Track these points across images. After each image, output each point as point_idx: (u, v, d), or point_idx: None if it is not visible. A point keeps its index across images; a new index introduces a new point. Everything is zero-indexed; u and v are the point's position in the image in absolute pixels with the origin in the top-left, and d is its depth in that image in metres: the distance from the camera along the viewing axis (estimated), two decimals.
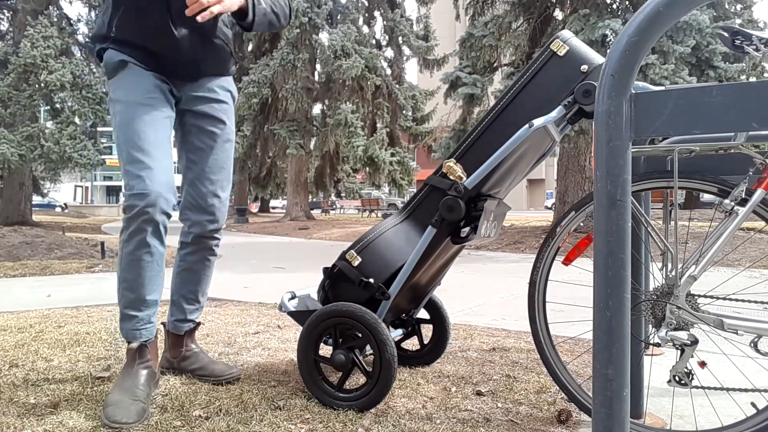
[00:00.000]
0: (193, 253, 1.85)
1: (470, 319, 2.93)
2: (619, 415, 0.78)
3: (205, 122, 1.74)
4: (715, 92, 0.74)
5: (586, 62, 1.45)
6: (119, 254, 1.60)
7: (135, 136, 1.54)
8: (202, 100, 1.74)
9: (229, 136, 1.80)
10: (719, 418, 1.37)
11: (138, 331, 1.61)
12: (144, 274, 1.59)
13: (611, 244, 0.78)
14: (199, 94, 1.73)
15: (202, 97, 1.74)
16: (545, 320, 1.55)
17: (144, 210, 1.51)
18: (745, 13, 8.76)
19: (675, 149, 1.42)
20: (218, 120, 1.76)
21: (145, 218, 1.52)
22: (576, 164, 9.10)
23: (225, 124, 1.78)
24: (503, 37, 8.69)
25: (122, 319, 1.61)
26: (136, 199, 1.51)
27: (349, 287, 1.62)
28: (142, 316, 1.61)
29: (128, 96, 1.57)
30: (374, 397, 1.54)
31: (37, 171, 13.06)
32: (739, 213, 1.28)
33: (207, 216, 1.78)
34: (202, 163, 1.75)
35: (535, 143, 1.55)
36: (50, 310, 3.09)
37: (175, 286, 1.90)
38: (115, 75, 1.61)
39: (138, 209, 1.51)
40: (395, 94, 16.30)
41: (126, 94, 1.58)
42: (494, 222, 1.68)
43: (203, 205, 1.77)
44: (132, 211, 1.52)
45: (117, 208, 32.70)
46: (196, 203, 1.77)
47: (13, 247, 6.09)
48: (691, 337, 1.29)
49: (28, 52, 10.09)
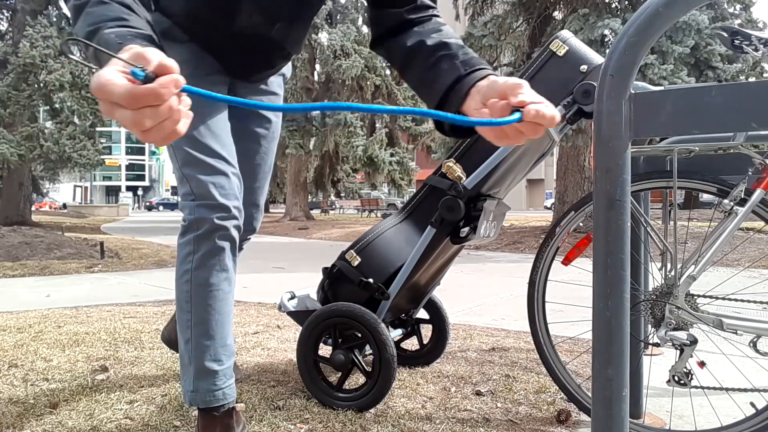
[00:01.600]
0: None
1: (469, 319, 2.93)
2: (619, 415, 0.78)
3: (256, 125, 1.45)
4: (714, 92, 0.74)
5: (586, 62, 1.45)
6: (184, 288, 1.23)
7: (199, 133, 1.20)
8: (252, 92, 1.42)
9: (275, 134, 1.50)
10: (718, 418, 1.37)
11: (221, 391, 1.22)
12: (224, 310, 1.23)
13: (610, 244, 0.78)
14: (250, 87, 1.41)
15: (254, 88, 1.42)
16: (545, 320, 1.55)
17: (220, 224, 1.20)
18: (743, 13, 8.77)
19: (674, 149, 1.42)
20: (265, 119, 1.46)
21: (222, 234, 1.20)
22: (575, 164, 9.10)
23: (271, 123, 1.47)
24: (503, 37, 8.69)
25: (198, 377, 1.21)
26: (211, 210, 1.19)
27: (349, 287, 1.62)
28: (224, 371, 1.23)
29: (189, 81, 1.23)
30: (374, 397, 1.55)
31: (36, 171, 13.04)
32: (738, 213, 1.28)
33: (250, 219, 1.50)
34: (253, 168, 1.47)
35: (535, 143, 1.55)
36: (49, 311, 3.09)
37: None
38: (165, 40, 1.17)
39: (214, 222, 1.19)
40: (395, 94, 16.30)
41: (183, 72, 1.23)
42: (494, 222, 1.68)
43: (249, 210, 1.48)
44: (203, 227, 1.19)
45: (116, 208, 32.67)
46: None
47: (13, 247, 6.09)
48: (690, 337, 1.29)
49: (28, 52, 10.08)
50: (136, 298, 3.65)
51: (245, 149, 1.42)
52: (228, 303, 1.25)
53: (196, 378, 1.22)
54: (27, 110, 10.89)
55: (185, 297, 1.23)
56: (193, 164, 1.20)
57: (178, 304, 1.24)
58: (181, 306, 1.24)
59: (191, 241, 1.21)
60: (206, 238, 1.20)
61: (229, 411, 1.25)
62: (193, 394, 1.23)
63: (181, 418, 1.48)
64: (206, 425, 1.23)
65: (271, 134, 1.48)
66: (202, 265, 1.21)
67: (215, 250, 1.21)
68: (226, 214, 1.21)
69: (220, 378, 1.23)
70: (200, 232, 1.20)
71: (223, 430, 1.23)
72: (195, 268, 1.21)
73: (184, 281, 1.23)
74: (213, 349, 1.22)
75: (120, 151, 57.85)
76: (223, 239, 1.21)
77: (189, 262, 1.22)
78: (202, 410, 1.25)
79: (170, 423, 1.44)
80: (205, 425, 1.23)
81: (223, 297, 1.23)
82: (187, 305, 1.22)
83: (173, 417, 1.48)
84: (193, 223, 1.21)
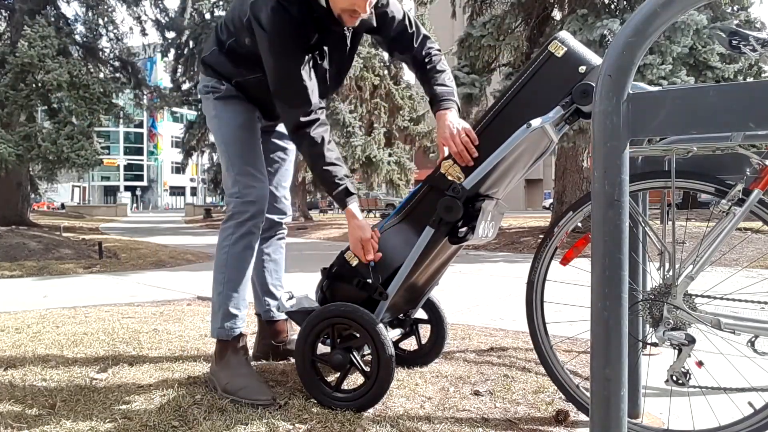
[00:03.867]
0: (270, 244, 2.03)
1: (468, 319, 2.93)
2: (617, 415, 0.78)
3: (280, 140, 2.00)
4: (712, 93, 0.74)
5: (584, 63, 1.45)
6: (223, 257, 1.74)
7: (247, 153, 1.76)
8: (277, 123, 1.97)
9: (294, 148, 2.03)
10: (716, 418, 1.37)
11: (239, 328, 1.76)
12: (247, 275, 1.77)
13: (608, 244, 0.78)
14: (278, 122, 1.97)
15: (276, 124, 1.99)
16: (543, 321, 1.55)
17: (255, 215, 1.73)
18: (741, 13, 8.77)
19: (673, 149, 1.42)
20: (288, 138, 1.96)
21: (256, 222, 1.74)
22: (574, 164, 9.11)
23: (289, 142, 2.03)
24: (501, 38, 8.69)
25: (224, 318, 1.73)
26: (250, 206, 1.72)
27: (347, 287, 1.62)
28: (241, 315, 1.76)
29: (236, 119, 1.78)
30: (372, 397, 1.55)
31: (34, 171, 13.00)
32: (736, 213, 1.28)
33: (282, 213, 2.03)
34: (279, 174, 2.00)
35: (533, 144, 1.55)
36: (48, 311, 3.08)
37: (261, 278, 2.03)
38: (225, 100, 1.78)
39: (250, 214, 1.72)
40: (392, 94, 16.29)
41: (236, 117, 1.78)
42: (492, 222, 1.68)
43: (278, 206, 2.00)
44: (243, 216, 1.72)
45: (114, 208, 32.59)
46: (272, 205, 1.96)
47: (11, 248, 6.08)
48: (688, 336, 1.29)
49: (25, 52, 10.04)
50: (135, 298, 3.65)
51: (278, 159, 2.00)
52: (250, 270, 1.78)
53: (222, 319, 1.73)
54: (25, 110, 10.85)
55: (223, 263, 1.74)
56: (245, 174, 1.74)
57: (216, 267, 1.76)
58: (218, 268, 1.76)
59: (233, 225, 1.73)
60: (243, 225, 1.72)
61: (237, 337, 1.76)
62: (220, 329, 1.74)
63: (180, 418, 1.48)
64: (221, 349, 1.75)
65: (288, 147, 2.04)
66: (237, 243, 1.73)
67: (248, 233, 1.73)
68: (259, 210, 1.74)
69: (239, 320, 1.76)
70: (240, 220, 1.72)
71: (233, 351, 1.74)
72: (231, 245, 1.73)
73: (224, 252, 1.74)
74: (237, 300, 1.74)
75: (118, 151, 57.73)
76: (254, 227, 1.74)
77: (229, 240, 1.74)
78: (220, 341, 1.75)
79: (169, 423, 1.44)
80: (220, 350, 1.75)
81: (248, 267, 1.76)
82: (224, 268, 1.74)
83: (172, 417, 1.48)
84: (236, 214, 1.73)
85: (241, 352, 1.75)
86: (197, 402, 1.59)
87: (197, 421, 1.46)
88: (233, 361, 1.71)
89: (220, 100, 1.78)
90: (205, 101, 1.83)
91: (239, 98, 1.78)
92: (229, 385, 1.63)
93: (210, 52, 1.79)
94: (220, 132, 1.78)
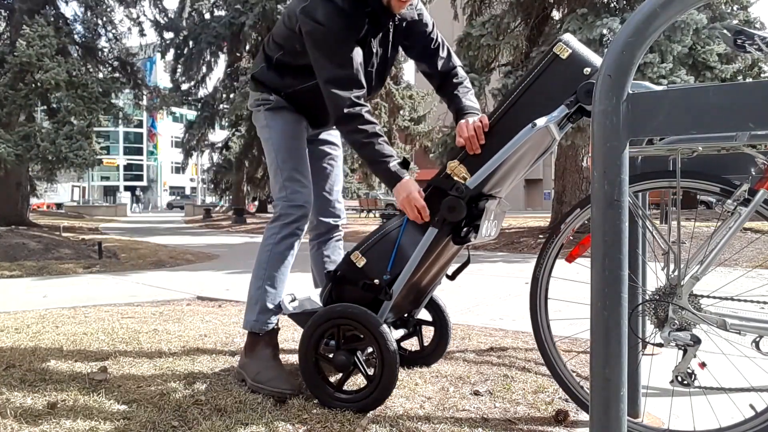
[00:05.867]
0: (329, 246, 2.08)
1: (468, 319, 2.93)
2: (617, 415, 0.78)
3: (328, 147, 2.09)
4: (712, 93, 0.74)
5: (589, 65, 1.45)
6: (265, 254, 1.83)
7: (296, 160, 1.85)
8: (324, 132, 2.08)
9: (342, 154, 2.16)
10: (717, 419, 1.37)
11: (272, 323, 1.82)
12: (287, 273, 1.85)
13: (608, 244, 0.78)
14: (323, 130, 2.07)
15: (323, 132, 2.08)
16: (547, 317, 1.54)
17: (300, 218, 1.83)
18: (741, 13, 8.77)
19: (678, 149, 1.41)
20: (335, 144, 2.11)
21: (300, 225, 1.84)
22: (574, 164, 9.11)
23: (339, 147, 2.13)
24: (501, 37, 8.68)
25: (261, 312, 1.81)
26: (296, 209, 1.82)
27: (353, 288, 1.62)
28: (275, 310, 1.83)
29: (285, 128, 1.87)
30: (375, 400, 1.54)
31: (33, 171, 12.98)
32: (741, 213, 1.28)
33: (336, 216, 2.09)
34: (330, 179, 2.07)
35: (537, 142, 1.55)
36: (47, 311, 3.08)
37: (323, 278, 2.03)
38: (274, 111, 1.88)
39: (295, 216, 1.82)
40: (393, 93, 16.29)
41: (285, 126, 1.87)
42: (494, 221, 1.68)
43: (333, 210, 2.07)
44: (289, 218, 1.81)
45: (114, 208, 32.56)
46: (326, 209, 2.05)
47: (10, 248, 6.07)
48: (693, 337, 1.29)
49: (24, 52, 10.04)
50: (135, 298, 3.65)
51: (328, 165, 2.07)
52: (288, 269, 1.86)
53: (259, 312, 1.81)
54: (24, 110, 10.84)
55: (266, 260, 1.83)
56: (292, 180, 1.83)
57: (258, 264, 1.85)
58: (260, 265, 1.84)
59: (278, 226, 1.83)
60: (289, 226, 1.82)
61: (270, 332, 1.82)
62: (255, 322, 1.81)
63: (180, 418, 1.48)
64: (252, 342, 1.82)
65: (341, 154, 2.15)
66: (281, 243, 1.83)
67: (292, 234, 1.83)
68: (303, 214, 1.84)
69: (275, 315, 1.83)
70: (286, 221, 1.82)
71: (265, 344, 1.80)
72: (275, 243, 1.83)
73: (267, 250, 1.84)
74: (274, 296, 1.82)
75: (118, 151, 57.61)
76: (298, 229, 1.84)
77: (273, 239, 1.83)
78: (251, 333, 1.82)
79: (168, 423, 1.44)
80: (252, 342, 1.82)
81: (288, 266, 1.85)
82: (266, 265, 1.83)
83: (171, 417, 1.48)
84: (283, 216, 1.82)
85: (271, 346, 1.81)
86: (197, 402, 1.59)
87: (197, 421, 1.46)
88: (264, 353, 1.78)
89: (270, 111, 1.88)
90: (255, 113, 1.94)
91: (288, 109, 1.88)
92: (259, 375, 1.71)
93: (259, 69, 1.90)
94: (270, 140, 1.88)
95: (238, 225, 16.63)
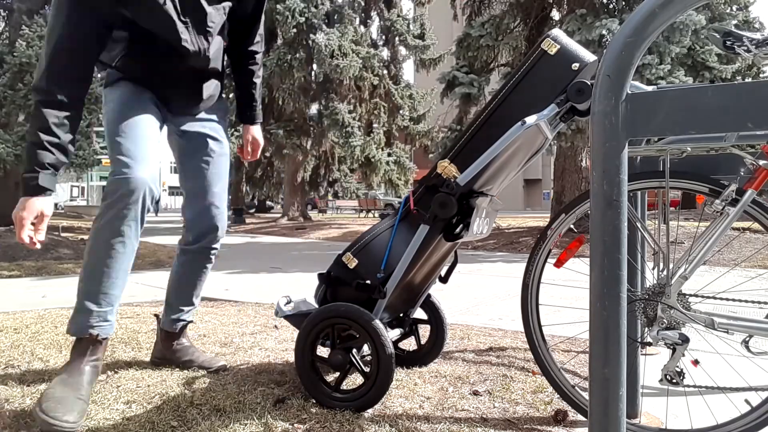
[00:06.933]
0: (194, 261, 1.90)
1: (467, 319, 2.93)
2: (616, 415, 0.79)
3: (204, 141, 1.82)
4: (711, 93, 0.75)
5: (577, 60, 1.45)
6: (90, 242, 1.54)
7: (127, 128, 1.56)
8: (195, 122, 1.82)
9: (223, 150, 1.86)
10: (714, 417, 1.37)
11: (92, 328, 1.52)
12: (112, 265, 1.52)
13: (607, 244, 0.79)
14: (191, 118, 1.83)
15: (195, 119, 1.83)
16: (539, 323, 1.56)
17: (127, 195, 1.46)
18: (740, 13, 8.78)
19: (667, 150, 1.42)
20: (212, 138, 1.83)
21: (127, 204, 1.47)
22: (573, 164, 9.12)
23: (218, 141, 1.85)
24: (500, 38, 8.70)
25: (77, 311, 1.53)
26: (121, 184, 1.46)
27: (347, 289, 1.62)
28: (98, 312, 1.53)
29: (122, 98, 1.64)
30: (372, 398, 1.55)
31: None
32: (730, 213, 1.28)
33: (210, 227, 1.84)
34: (207, 178, 1.80)
35: (528, 141, 1.55)
36: (46, 311, 3.08)
37: (171, 289, 1.96)
38: (112, 85, 1.68)
39: (121, 193, 1.46)
40: (392, 94, 16.29)
41: (121, 97, 1.64)
42: (486, 219, 1.69)
43: (206, 213, 1.82)
44: (114, 195, 1.47)
45: None
46: (198, 216, 1.82)
47: (9, 248, 6.07)
48: (682, 336, 1.30)
49: (24, 52, 10.04)
50: (133, 298, 3.64)
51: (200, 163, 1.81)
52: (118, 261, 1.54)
53: (75, 312, 1.54)
54: (23, 110, 10.84)
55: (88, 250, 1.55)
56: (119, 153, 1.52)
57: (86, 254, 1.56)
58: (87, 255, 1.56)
59: (103, 206, 1.51)
60: (113, 207, 1.49)
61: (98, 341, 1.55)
62: (71, 325, 1.55)
63: (179, 418, 1.48)
64: (75, 347, 1.55)
65: (219, 151, 1.85)
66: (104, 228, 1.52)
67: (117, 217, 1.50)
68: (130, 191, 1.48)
69: (95, 317, 1.52)
70: (111, 200, 1.49)
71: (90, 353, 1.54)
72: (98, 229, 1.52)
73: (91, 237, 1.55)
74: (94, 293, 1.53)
75: None
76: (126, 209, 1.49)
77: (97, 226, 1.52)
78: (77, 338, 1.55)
79: (168, 423, 1.44)
80: (74, 347, 1.55)
81: (115, 256, 1.52)
82: (87, 256, 1.55)
83: (170, 417, 1.48)
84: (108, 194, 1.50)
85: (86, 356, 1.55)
86: (196, 402, 1.59)
87: (196, 421, 1.46)
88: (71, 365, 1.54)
89: (108, 88, 1.68)
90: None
91: (124, 79, 1.66)
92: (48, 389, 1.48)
93: None
94: (106, 115, 1.63)
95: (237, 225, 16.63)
